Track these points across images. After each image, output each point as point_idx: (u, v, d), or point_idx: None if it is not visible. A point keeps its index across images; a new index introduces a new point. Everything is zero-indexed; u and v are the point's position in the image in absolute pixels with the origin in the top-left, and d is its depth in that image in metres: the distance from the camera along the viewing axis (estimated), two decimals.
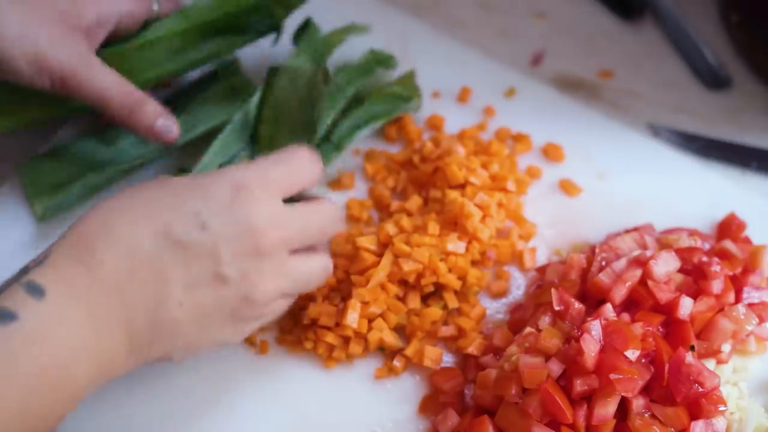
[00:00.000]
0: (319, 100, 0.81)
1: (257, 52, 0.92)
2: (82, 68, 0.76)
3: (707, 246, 0.79)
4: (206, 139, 0.83)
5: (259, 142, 0.82)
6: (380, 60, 0.90)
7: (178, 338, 0.65)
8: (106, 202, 0.65)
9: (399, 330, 0.78)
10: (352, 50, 0.91)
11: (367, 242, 0.80)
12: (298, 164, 0.70)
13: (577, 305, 0.73)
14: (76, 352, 0.60)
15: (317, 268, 0.72)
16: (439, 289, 0.79)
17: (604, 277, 0.74)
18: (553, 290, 0.74)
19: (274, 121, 0.82)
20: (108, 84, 0.77)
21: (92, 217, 0.64)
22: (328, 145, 0.85)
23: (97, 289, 0.61)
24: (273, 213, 0.67)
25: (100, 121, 0.87)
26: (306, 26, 0.91)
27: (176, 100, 0.88)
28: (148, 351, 0.65)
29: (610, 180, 0.88)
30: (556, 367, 0.68)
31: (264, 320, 0.70)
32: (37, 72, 0.75)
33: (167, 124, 0.79)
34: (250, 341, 0.78)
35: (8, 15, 0.74)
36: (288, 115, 0.82)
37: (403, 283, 0.78)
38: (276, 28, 0.88)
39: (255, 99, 0.84)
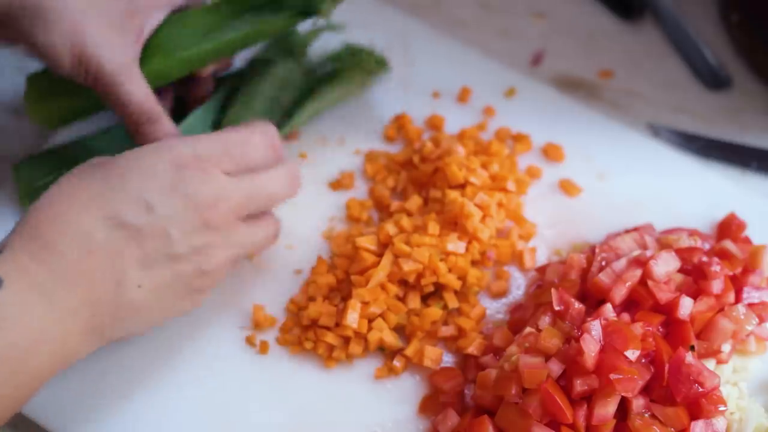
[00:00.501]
0: (294, 89, 0.84)
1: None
2: (119, 77, 0.76)
3: (707, 246, 0.79)
4: None
5: (226, 123, 0.83)
6: (354, 52, 0.90)
7: (138, 318, 0.68)
8: (55, 188, 0.67)
9: (399, 330, 0.78)
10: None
11: (367, 242, 0.80)
12: (244, 139, 0.72)
13: (577, 305, 0.73)
14: (36, 340, 0.62)
15: (264, 233, 0.74)
16: (439, 289, 0.79)
17: (604, 277, 0.74)
18: (553, 290, 0.74)
19: (246, 105, 0.83)
20: (135, 97, 0.77)
21: (45, 206, 0.65)
22: (285, 120, 0.87)
23: (57, 279, 0.63)
24: (215, 187, 0.69)
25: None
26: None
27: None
28: (110, 333, 0.67)
29: (610, 180, 0.88)
30: (556, 367, 0.68)
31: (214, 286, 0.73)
32: (77, 68, 0.75)
33: None
34: (250, 341, 0.78)
35: (64, 7, 0.74)
36: (261, 100, 0.83)
37: (403, 283, 0.78)
38: (313, 10, 0.84)
39: (226, 87, 0.86)
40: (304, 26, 0.89)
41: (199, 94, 0.87)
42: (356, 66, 0.89)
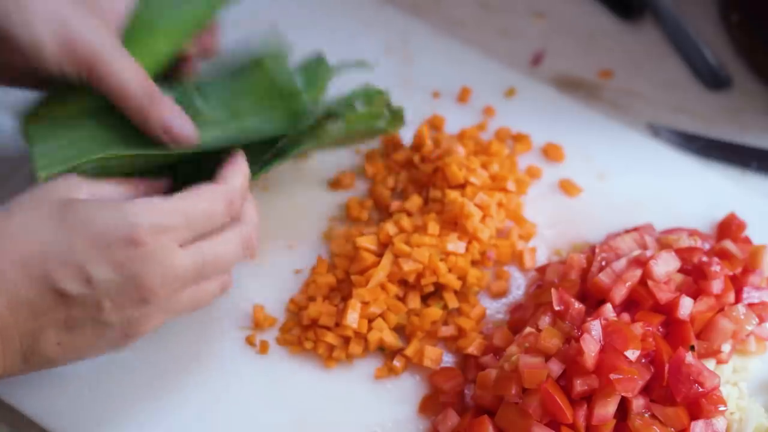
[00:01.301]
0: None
1: None
2: (109, 56, 0.72)
3: (707, 246, 0.79)
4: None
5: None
6: (369, 95, 0.84)
7: (53, 366, 0.66)
8: (11, 215, 0.64)
9: (399, 330, 0.78)
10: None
11: (367, 242, 0.80)
12: (207, 210, 0.68)
13: (577, 305, 0.73)
14: None
15: (207, 295, 0.71)
16: (439, 289, 0.79)
17: (604, 277, 0.74)
18: (553, 290, 0.74)
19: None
20: (130, 76, 0.72)
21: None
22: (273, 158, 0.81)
23: None
24: (163, 267, 0.65)
25: None
26: (317, 61, 0.87)
27: (206, 89, 0.82)
28: (21, 373, 0.66)
29: (610, 180, 0.88)
30: (556, 367, 0.68)
31: None
32: (66, 56, 0.71)
33: (183, 124, 0.74)
34: (250, 341, 0.78)
35: None
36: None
37: (403, 283, 0.78)
38: None
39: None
40: (325, 28, 0.88)
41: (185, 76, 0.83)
42: (366, 117, 0.83)
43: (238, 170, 0.72)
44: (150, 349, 0.77)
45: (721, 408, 0.68)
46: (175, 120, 0.73)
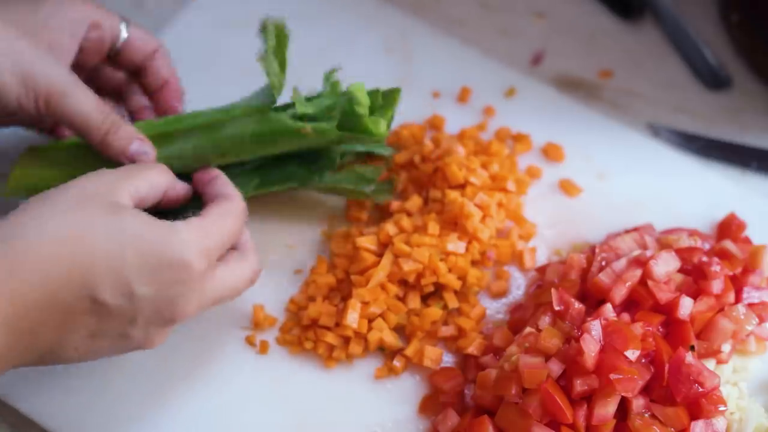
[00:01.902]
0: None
1: None
2: (66, 87, 0.74)
3: (707, 246, 0.79)
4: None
5: None
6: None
7: (57, 363, 0.66)
8: (55, 219, 0.63)
9: (399, 330, 0.78)
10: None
11: (367, 242, 0.80)
12: (238, 229, 0.71)
13: (577, 305, 0.73)
14: None
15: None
16: (439, 289, 0.79)
17: (604, 277, 0.74)
18: (553, 290, 0.74)
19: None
20: (88, 105, 0.74)
21: (37, 238, 0.62)
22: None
23: (5, 321, 0.60)
24: (200, 295, 0.67)
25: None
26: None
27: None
28: (27, 363, 0.65)
29: (610, 180, 0.88)
30: (556, 367, 0.68)
31: None
32: (24, 90, 0.73)
33: (142, 149, 0.76)
34: (250, 341, 0.78)
35: None
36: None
37: (403, 283, 0.78)
38: None
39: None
40: (324, 28, 0.87)
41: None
42: (355, 177, 0.84)
43: (232, 185, 0.75)
44: (150, 350, 0.77)
45: (721, 408, 0.68)
46: (133, 146, 0.75)
